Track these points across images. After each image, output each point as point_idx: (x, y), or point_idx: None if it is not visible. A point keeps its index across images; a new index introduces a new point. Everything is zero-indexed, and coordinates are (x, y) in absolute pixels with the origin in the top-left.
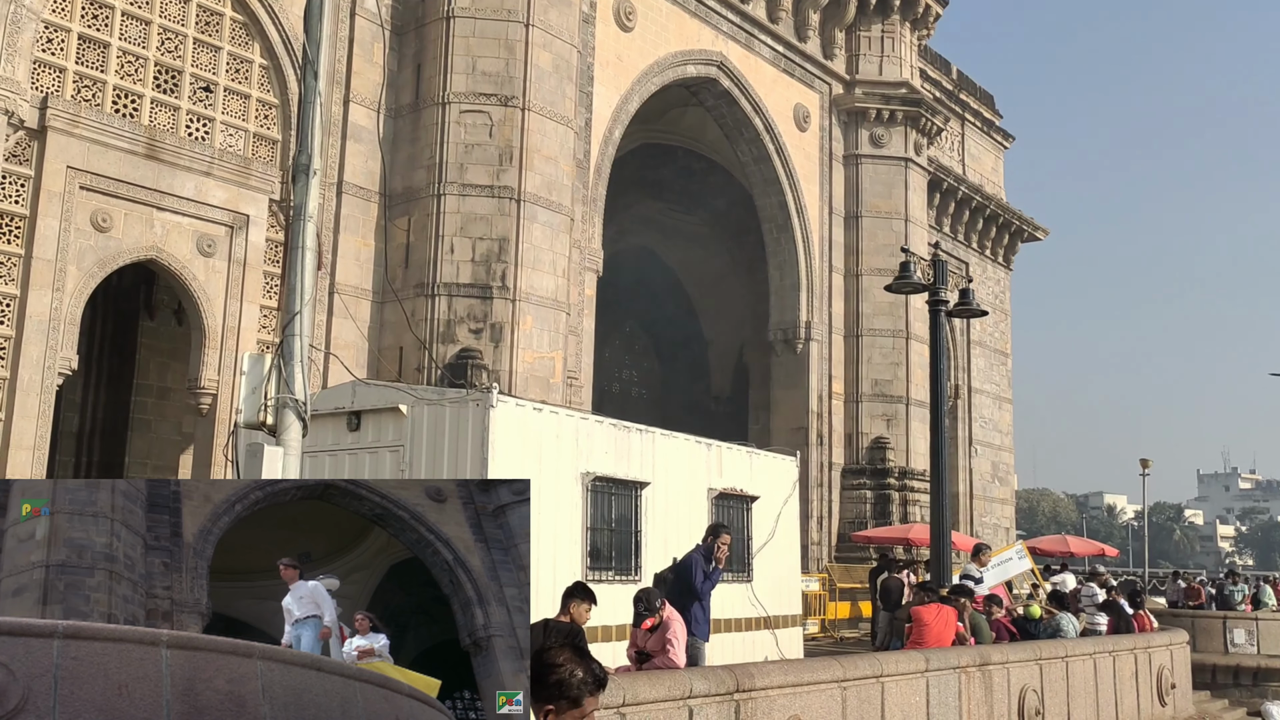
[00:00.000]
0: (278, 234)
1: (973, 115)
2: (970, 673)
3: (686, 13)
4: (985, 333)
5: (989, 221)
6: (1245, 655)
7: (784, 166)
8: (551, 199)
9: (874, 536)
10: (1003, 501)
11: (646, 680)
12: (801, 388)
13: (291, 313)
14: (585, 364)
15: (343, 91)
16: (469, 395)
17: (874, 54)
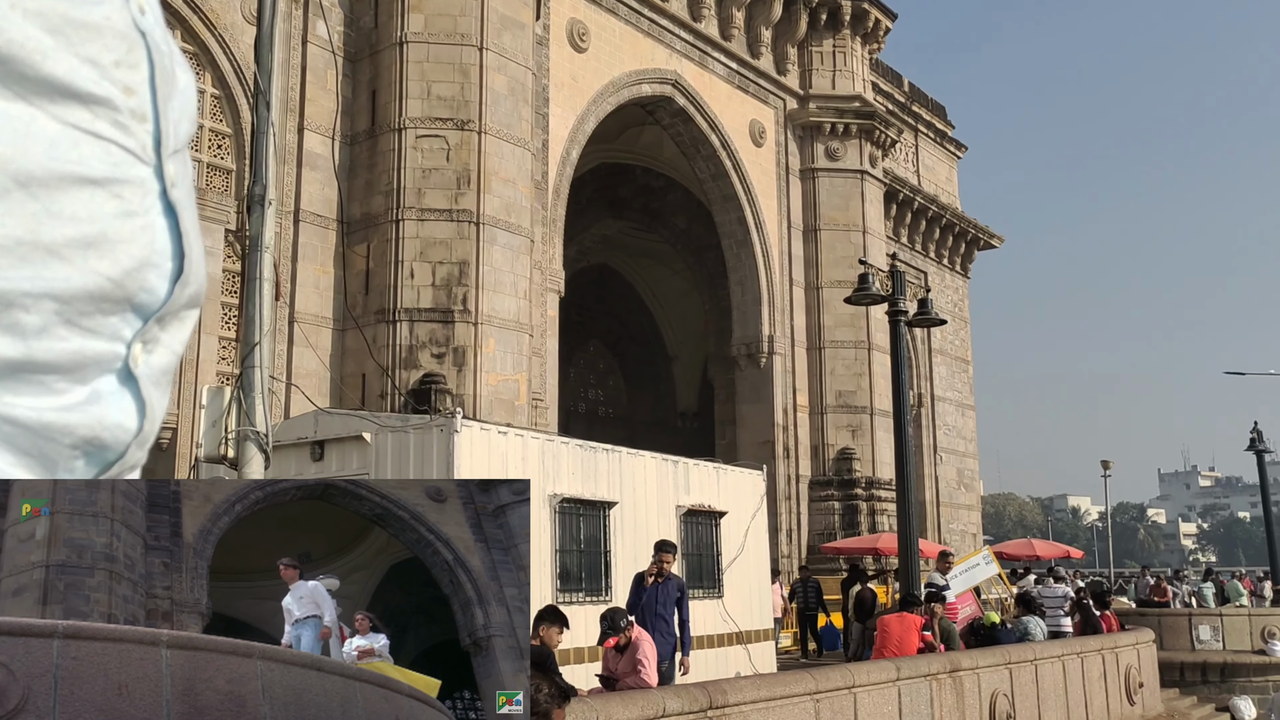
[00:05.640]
0: (234, 264)
1: (925, 126)
2: (941, 680)
3: (640, 32)
4: (946, 341)
5: (945, 231)
6: (1211, 651)
7: (741, 182)
8: (511, 221)
9: (843, 547)
10: (969, 507)
11: (620, 701)
12: (766, 401)
13: (251, 344)
14: (550, 385)
15: (297, 119)
16: (433, 420)
17: (826, 69)
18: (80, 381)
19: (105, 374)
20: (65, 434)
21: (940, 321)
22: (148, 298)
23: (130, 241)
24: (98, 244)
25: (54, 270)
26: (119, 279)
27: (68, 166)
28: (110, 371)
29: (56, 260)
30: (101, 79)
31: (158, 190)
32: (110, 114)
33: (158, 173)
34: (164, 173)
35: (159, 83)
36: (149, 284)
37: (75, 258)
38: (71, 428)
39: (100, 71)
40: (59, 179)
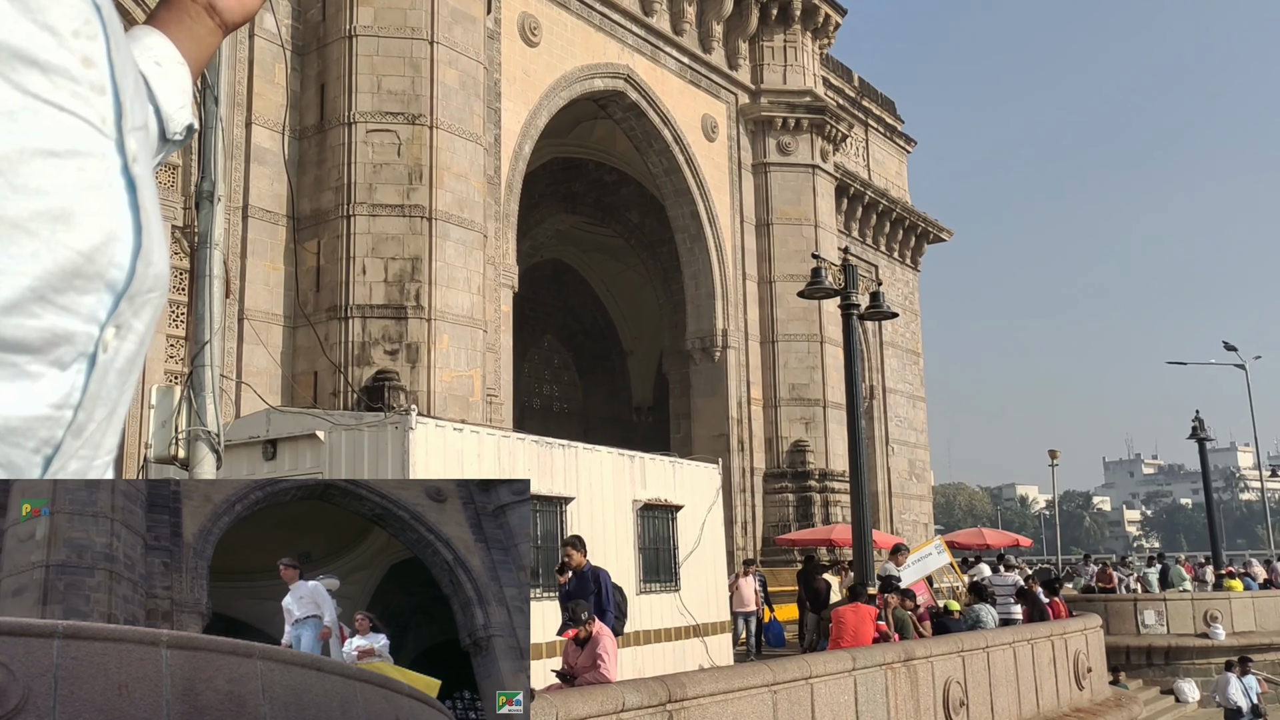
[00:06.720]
0: (182, 261)
1: (875, 121)
2: (896, 669)
3: (591, 27)
4: (897, 334)
5: (895, 225)
6: (1156, 636)
7: (694, 177)
8: (464, 216)
9: (798, 539)
10: (920, 498)
11: (579, 696)
12: (721, 395)
13: (200, 342)
14: (504, 381)
15: (244, 114)
16: (387, 418)
17: (777, 63)
18: (57, 365)
19: (80, 358)
20: (28, 437)
21: (892, 314)
22: (118, 274)
23: (97, 215)
24: (64, 217)
25: (21, 245)
26: (89, 253)
27: (30, 138)
28: (84, 355)
29: (23, 235)
30: (60, 47)
31: (119, 165)
32: (70, 85)
33: (119, 147)
34: (125, 147)
35: (116, 56)
36: (117, 259)
37: (42, 231)
38: (33, 429)
39: (58, 40)
40: (20, 151)
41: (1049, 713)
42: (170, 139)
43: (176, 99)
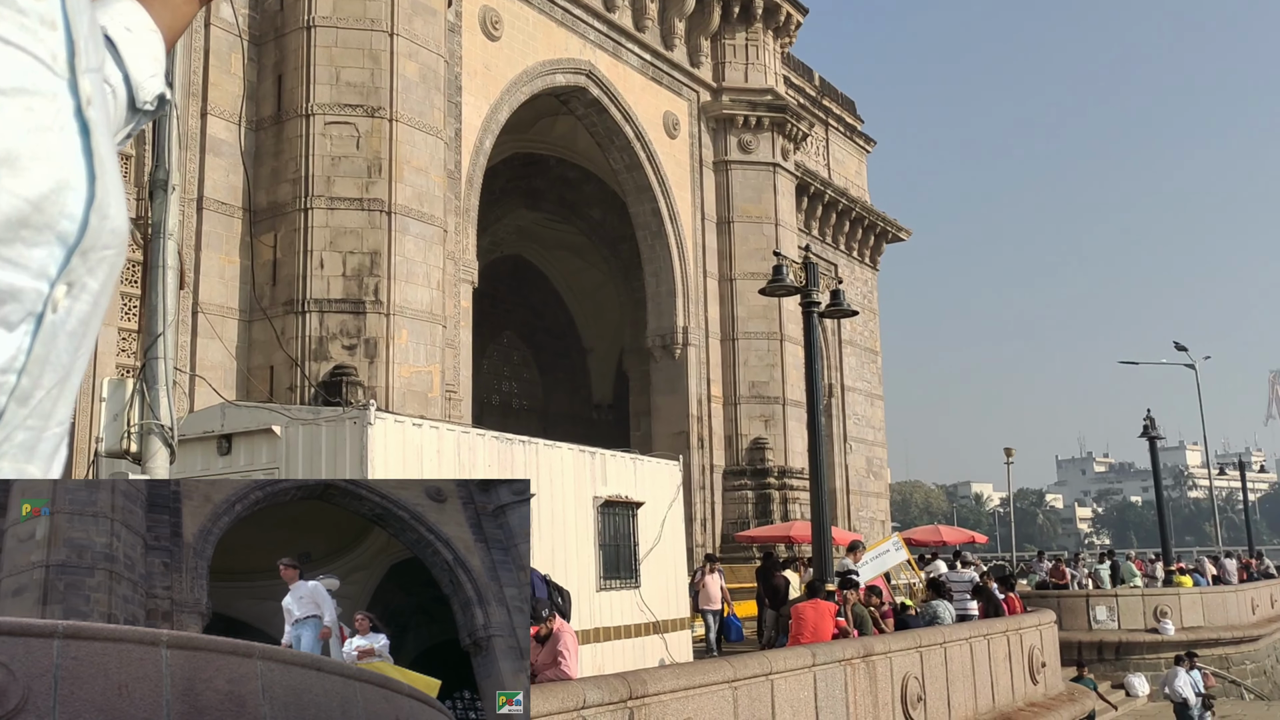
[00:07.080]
0: (135, 253)
1: (836, 121)
2: (855, 664)
3: (554, 22)
4: (856, 332)
5: (855, 224)
6: (1108, 631)
7: (656, 174)
8: (423, 210)
9: (757, 536)
10: (878, 495)
11: (540, 693)
12: (681, 393)
13: (154, 335)
14: (464, 377)
15: (200, 104)
16: (345, 413)
17: (739, 61)
18: (2, 324)
19: (28, 317)
20: None
21: (852, 312)
22: (69, 225)
23: (46, 159)
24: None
25: None
26: (37, 201)
27: None
28: (32, 315)
29: None
30: None
31: (72, 107)
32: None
33: (72, 87)
34: (79, 88)
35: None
36: (68, 209)
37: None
38: None
39: None
40: None
41: (1004, 707)
42: (140, 108)
43: (147, 66)
